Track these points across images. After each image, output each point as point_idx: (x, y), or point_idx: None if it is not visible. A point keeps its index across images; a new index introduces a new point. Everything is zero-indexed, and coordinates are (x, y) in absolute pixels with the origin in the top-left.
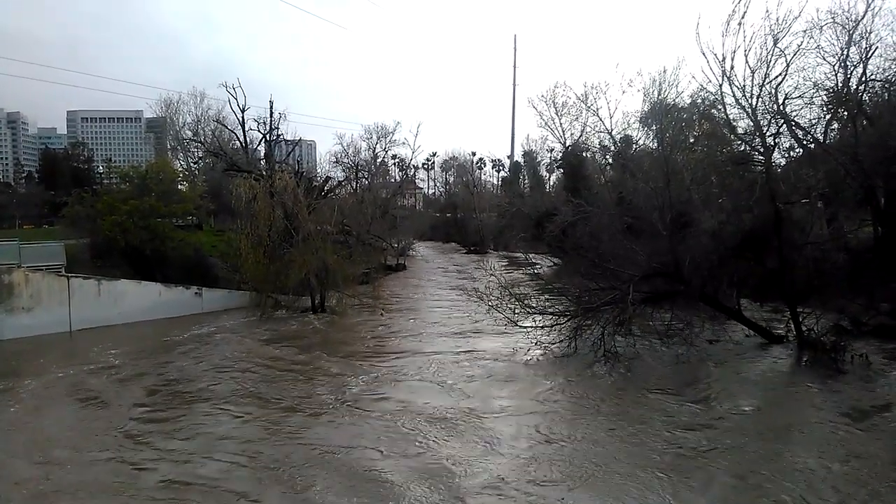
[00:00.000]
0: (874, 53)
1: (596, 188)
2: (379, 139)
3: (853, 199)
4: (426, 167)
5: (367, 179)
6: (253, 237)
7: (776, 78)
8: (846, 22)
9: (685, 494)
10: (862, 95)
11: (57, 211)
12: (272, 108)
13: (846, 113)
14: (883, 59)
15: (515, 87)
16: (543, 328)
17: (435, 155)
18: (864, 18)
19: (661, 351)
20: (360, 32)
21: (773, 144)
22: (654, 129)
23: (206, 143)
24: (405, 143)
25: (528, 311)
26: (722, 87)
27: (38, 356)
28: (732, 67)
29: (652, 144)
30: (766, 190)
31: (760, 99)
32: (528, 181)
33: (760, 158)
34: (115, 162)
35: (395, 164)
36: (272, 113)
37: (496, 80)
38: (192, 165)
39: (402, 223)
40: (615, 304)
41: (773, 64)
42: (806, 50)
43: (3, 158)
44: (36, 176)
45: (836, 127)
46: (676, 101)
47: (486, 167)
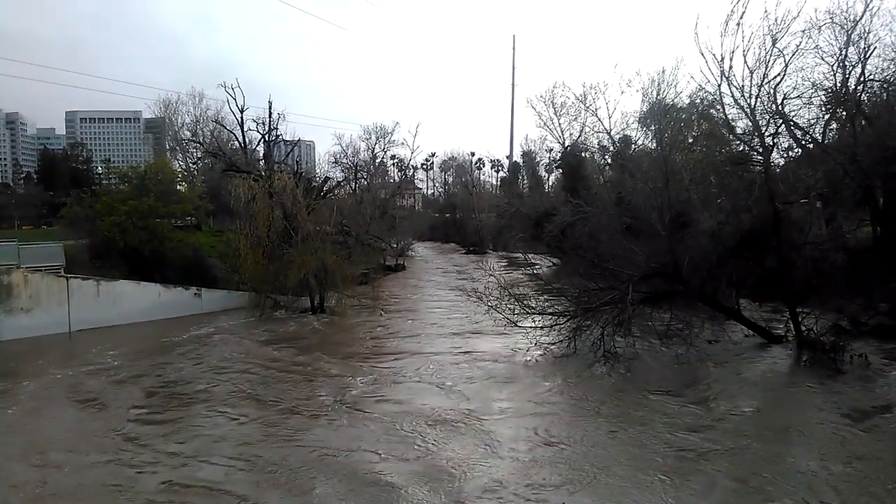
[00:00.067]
0: (872, 53)
1: (595, 188)
2: (378, 139)
3: (852, 198)
4: (425, 167)
5: (366, 180)
6: (252, 238)
7: (775, 78)
8: (845, 22)
9: (687, 498)
10: (860, 95)
11: (56, 211)
12: (271, 108)
13: (845, 113)
14: (881, 59)
15: (514, 87)
16: (543, 328)
17: (434, 155)
18: (862, 18)
19: (660, 351)
20: (359, 33)
21: (771, 144)
22: (652, 129)
23: (204, 143)
24: (404, 143)
25: (527, 311)
26: (721, 87)
27: (36, 357)
28: (731, 67)
29: (651, 144)
30: (764, 190)
31: (759, 99)
32: (526, 181)
33: (759, 158)
34: (113, 162)
35: (394, 164)
36: (271, 113)
37: (495, 80)
38: (190, 166)
39: (401, 223)
40: (614, 304)
41: (771, 64)
42: (804, 50)
43: (1, 159)
44: (35, 176)
45: (834, 127)
46: (675, 101)
47: (484, 167)
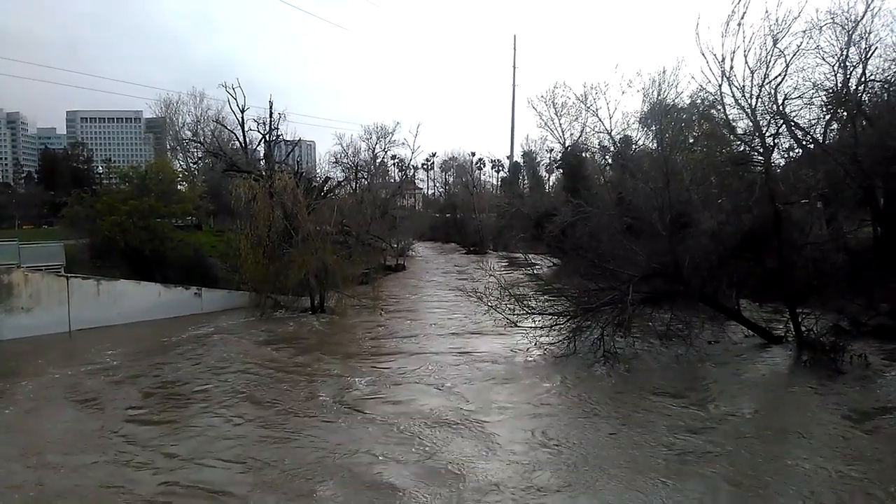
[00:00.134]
0: (874, 54)
1: (595, 188)
2: (378, 139)
3: (852, 199)
4: (426, 167)
5: (366, 180)
6: (252, 237)
7: (776, 78)
8: (846, 22)
9: (688, 503)
10: (861, 96)
11: (56, 211)
12: (272, 108)
13: (845, 113)
14: (882, 59)
15: (515, 87)
16: (543, 328)
17: (434, 155)
18: (863, 19)
19: (660, 351)
20: (359, 33)
21: (772, 145)
22: (653, 129)
23: (205, 143)
24: (405, 143)
25: (527, 311)
26: (721, 87)
27: (36, 357)
28: (732, 68)
29: (651, 145)
30: (765, 190)
31: (760, 99)
32: (527, 181)
33: (760, 159)
34: (114, 162)
35: (394, 164)
36: (272, 113)
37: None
38: (191, 166)
39: (401, 223)
40: (614, 304)
41: (772, 64)
42: (805, 50)
43: (2, 158)
44: (35, 176)
45: (835, 127)
46: (676, 101)
47: (485, 167)
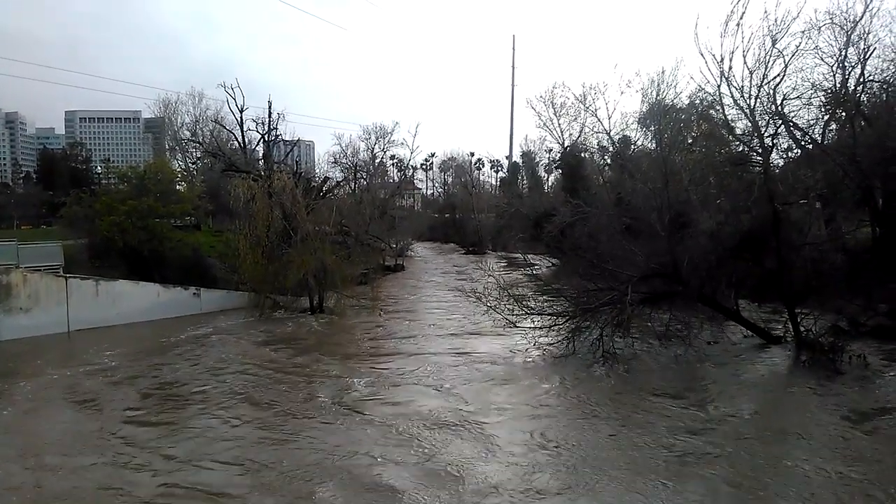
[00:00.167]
0: (872, 54)
1: (594, 189)
2: (377, 139)
3: (851, 199)
4: (424, 168)
5: (365, 180)
6: (251, 237)
7: (774, 79)
8: (844, 23)
9: None
10: (860, 96)
11: (55, 211)
12: (271, 108)
13: (844, 114)
14: (881, 59)
15: (514, 87)
16: (542, 329)
17: (433, 155)
18: (862, 19)
19: (659, 352)
20: (358, 33)
21: (771, 145)
22: (652, 129)
23: (204, 143)
24: (403, 143)
25: (526, 311)
26: (720, 87)
27: (34, 357)
28: (731, 68)
29: (650, 145)
30: (764, 191)
31: (759, 100)
32: (526, 182)
33: (759, 159)
34: (113, 162)
35: (393, 164)
36: (270, 113)
37: (495, 80)
38: (190, 166)
39: (400, 224)
40: (613, 304)
41: (771, 64)
42: (804, 51)
43: (1, 158)
44: (34, 176)
45: (834, 128)
46: (675, 101)
47: (484, 168)
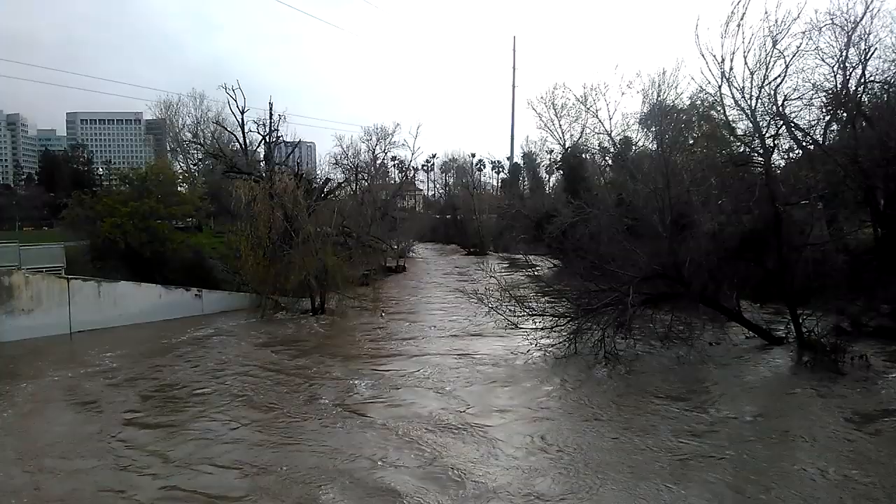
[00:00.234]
0: (873, 55)
1: (595, 190)
2: (378, 141)
3: (853, 200)
4: (426, 169)
5: (366, 181)
6: (253, 239)
7: (775, 79)
8: (845, 23)
9: None
10: (861, 97)
11: (57, 213)
12: (272, 109)
13: (845, 114)
14: (882, 60)
15: (515, 88)
16: (543, 330)
17: (434, 156)
18: (862, 20)
19: (661, 353)
20: (359, 34)
21: (772, 146)
22: (653, 130)
23: (205, 144)
24: (405, 144)
25: (527, 313)
26: (721, 88)
27: (36, 358)
28: (731, 69)
29: (651, 146)
30: (765, 191)
31: (760, 100)
32: (527, 183)
33: (760, 160)
34: (114, 164)
35: (394, 165)
36: (272, 114)
37: (495, 81)
38: (191, 167)
39: (401, 225)
40: (615, 305)
41: (772, 65)
42: (805, 51)
43: (2, 160)
44: (36, 178)
45: (835, 128)
46: (676, 102)
47: (485, 169)
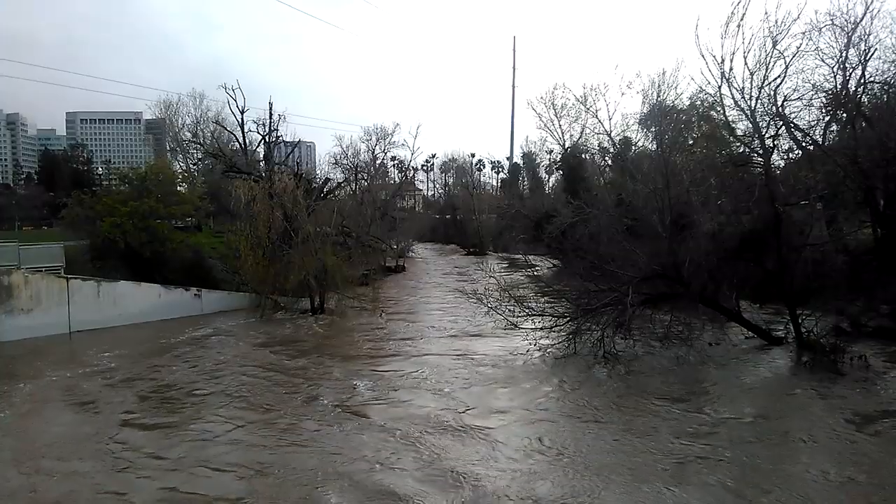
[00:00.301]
0: (873, 55)
1: (595, 190)
2: (378, 141)
3: (852, 200)
4: (425, 169)
5: (366, 181)
6: (252, 239)
7: (775, 80)
8: (845, 24)
9: None
10: (861, 97)
11: (56, 212)
12: (271, 109)
13: (845, 115)
14: (881, 60)
15: (514, 88)
16: (543, 330)
17: (434, 157)
18: (862, 20)
19: (661, 353)
20: (359, 34)
21: (772, 146)
22: (653, 130)
23: (205, 144)
24: (404, 144)
25: (527, 313)
26: (721, 88)
27: (35, 358)
28: (731, 69)
29: (651, 146)
30: (765, 191)
31: (759, 101)
32: (527, 183)
33: (760, 160)
34: (114, 163)
35: (394, 165)
36: (271, 114)
37: (495, 81)
38: (191, 167)
39: (401, 225)
40: (615, 305)
41: (772, 66)
42: (805, 52)
43: (2, 160)
44: (35, 177)
45: (835, 128)
46: (675, 102)
47: (485, 169)
